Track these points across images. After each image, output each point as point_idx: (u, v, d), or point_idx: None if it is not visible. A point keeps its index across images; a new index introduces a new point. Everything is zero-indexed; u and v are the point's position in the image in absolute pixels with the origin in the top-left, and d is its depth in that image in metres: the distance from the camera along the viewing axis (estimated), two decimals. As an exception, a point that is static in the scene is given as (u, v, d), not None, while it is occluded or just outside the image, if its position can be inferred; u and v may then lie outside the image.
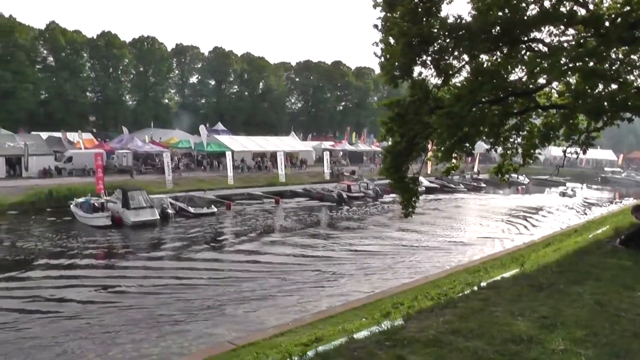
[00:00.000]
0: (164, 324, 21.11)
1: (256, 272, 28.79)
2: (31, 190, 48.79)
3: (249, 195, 56.92)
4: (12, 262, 31.17)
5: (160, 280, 27.52)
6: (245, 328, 20.25)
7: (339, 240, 38.06)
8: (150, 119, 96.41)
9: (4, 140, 59.55)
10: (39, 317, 21.77)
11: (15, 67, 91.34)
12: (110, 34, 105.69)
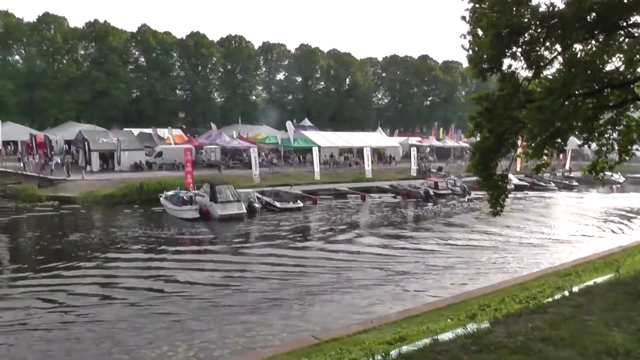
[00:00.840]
0: (247, 313, 20.93)
1: (340, 266, 28.14)
2: (123, 183, 50.53)
3: (335, 191, 56.51)
4: (105, 248, 32.28)
5: (245, 271, 27.46)
6: (328, 321, 19.78)
7: (424, 237, 36.78)
8: (237, 115, 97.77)
9: (98, 136, 61.66)
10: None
11: (109, 69, 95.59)
12: (199, 34, 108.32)
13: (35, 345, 18.18)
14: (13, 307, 21.91)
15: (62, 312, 21.31)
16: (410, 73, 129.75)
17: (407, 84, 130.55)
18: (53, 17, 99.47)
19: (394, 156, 77.43)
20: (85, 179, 51.89)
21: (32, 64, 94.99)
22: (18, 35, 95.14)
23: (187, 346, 17.88)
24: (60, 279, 26.10)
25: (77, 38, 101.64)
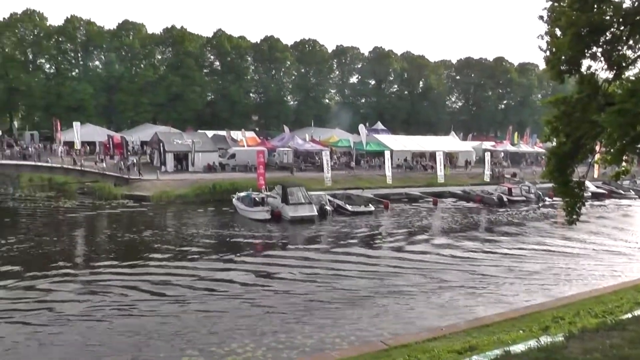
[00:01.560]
0: (317, 314, 20.91)
1: (410, 270, 27.54)
2: (196, 184, 51.59)
3: (407, 195, 55.64)
4: (178, 244, 33.69)
5: (315, 271, 27.45)
6: (397, 326, 19.52)
7: (496, 244, 35.71)
8: (310, 118, 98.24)
9: (173, 137, 62.98)
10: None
11: (184, 72, 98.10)
12: (273, 39, 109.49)
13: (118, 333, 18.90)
14: (94, 293, 23.52)
15: (143, 301, 22.57)
16: (485, 76, 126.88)
17: (482, 86, 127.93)
18: (132, 24, 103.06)
19: (470, 161, 75.79)
20: (160, 178, 53.36)
21: (111, 68, 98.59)
22: (99, 42, 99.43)
23: (255, 345, 17.93)
24: (136, 268, 27.86)
25: (155, 43, 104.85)
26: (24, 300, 22.49)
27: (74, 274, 26.90)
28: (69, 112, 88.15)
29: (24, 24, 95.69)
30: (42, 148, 73.10)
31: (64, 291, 23.86)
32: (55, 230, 38.88)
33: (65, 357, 17.63)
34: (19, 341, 18.50)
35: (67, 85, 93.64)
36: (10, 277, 25.91)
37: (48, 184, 59.88)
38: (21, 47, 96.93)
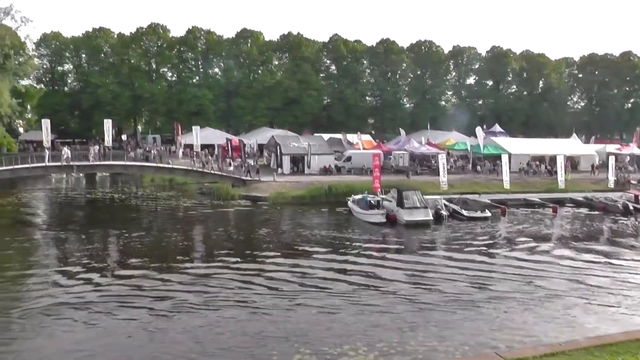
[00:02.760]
0: (430, 320, 20.61)
1: (523, 279, 26.49)
2: (312, 186, 52.44)
3: (525, 201, 53.06)
4: (293, 243, 34.81)
5: (428, 276, 27.03)
6: (510, 337, 19.05)
7: (618, 256, 32.89)
8: (426, 120, 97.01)
9: (290, 140, 64.09)
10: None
11: (301, 77, 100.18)
12: (389, 41, 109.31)
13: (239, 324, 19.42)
14: (210, 286, 25.02)
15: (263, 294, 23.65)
16: (610, 73, 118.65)
17: (606, 84, 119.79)
18: (250, 32, 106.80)
19: (596, 165, 71.35)
20: (277, 180, 54.59)
21: (230, 75, 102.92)
22: (218, 51, 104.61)
23: (367, 348, 17.90)
24: (250, 264, 29.39)
25: (272, 50, 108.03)
26: (145, 289, 24.58)
27: (191, 267, 28.79)
28: (189, 117, 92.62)
29: (149, 37, 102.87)
30: (163, 150, 76.72)
31: (181, 282, 25.63)
32: (175, 227, 41.57)
33: (183, 343, 18.62)
34: (135, 327, 20.19)
35: (188, 92, 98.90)
36: (135, 268, 28.55)
37: (169, 184, 63.61)
38: (146, 58, 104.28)
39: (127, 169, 59.32)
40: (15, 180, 61.91)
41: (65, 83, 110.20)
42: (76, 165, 53.70)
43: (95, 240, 36.14)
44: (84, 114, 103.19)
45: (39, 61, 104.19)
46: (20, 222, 45.26)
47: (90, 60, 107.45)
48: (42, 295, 23.82)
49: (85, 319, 20.81)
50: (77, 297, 23.42)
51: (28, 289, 25.20)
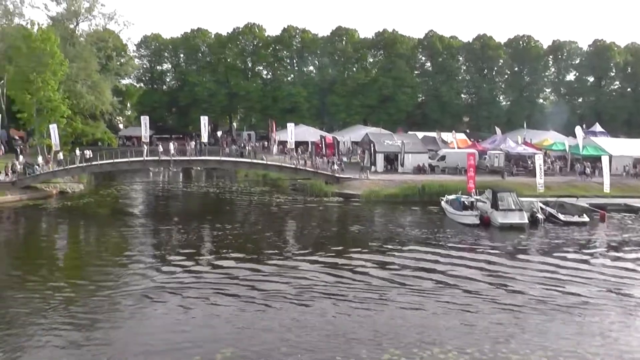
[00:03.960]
0: (524, 327, 20.27)
1: (619, 289, 25.24)
2: (405, 184, 52.19)
3: (627, 207, 49.47)
4: (385, 241, 35.35)
5: (522, 280, 26.47)
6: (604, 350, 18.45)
7: None
8: (523, 119, 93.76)
9: (383, 138, 63.94)
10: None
11: (395, 74, 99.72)
12: (486, 37, 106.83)
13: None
14: (300, 278, 26.30)
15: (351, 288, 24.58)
16: None
17: None
18: (345, 29, 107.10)
19: None
20: (370, 178, 54.77)
21: (325, 72, 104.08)
22: (313, 49, 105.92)
23: (457, 352, 17.87)
24: (340, 259, 30.38)
25: (367, 47, 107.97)
26: (238, 278, 26.26)
27: (282, 260, 30.03)
28: (283, 114, 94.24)
29: (245, 36, 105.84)
30: (258, 147, 78.31)
31: (272, 274, 27.13)
32: (268, 221, 43.48)
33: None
34: (226, 313, 21.76)
35: (283, 89, 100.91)
36: (228, 258, 30.35)
37: (262, 180, 65.24)
38: (242, 56, 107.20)
39: (222, 164, 61.41)
40: (115, 173, 66.73)
41: (163, 82, 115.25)
42: (173, 159, 56.22)
43: (190, 231, 38.63)
44: (181, 111, 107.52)
45: (139, 61, 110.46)
46: (120, 212, 48.91)
47: (188, 59, 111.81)
48: (142, 279, 26.30)
49: (181, 303, 22.69)
50: (174, 282, 25.62)
51: (129, 273, 27.59)
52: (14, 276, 27.76)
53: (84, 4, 78.32)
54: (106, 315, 21.77)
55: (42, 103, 59.82)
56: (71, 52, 72.68)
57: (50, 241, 38.81)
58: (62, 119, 61.77)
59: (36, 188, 53.72)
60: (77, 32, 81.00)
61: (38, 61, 58.76)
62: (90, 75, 74.70)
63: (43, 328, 20.20)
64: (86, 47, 77.64)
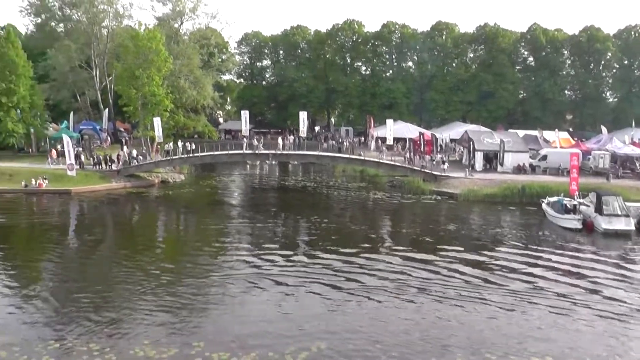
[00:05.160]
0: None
1: None
2: (504, 185, 50.79)
3: None
4: (481, 241, 35.28)
5: (625, 290, 25.34)
6: None
7: None
8: (631, 117, 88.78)
9: (483, 136, 62.64)
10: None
11: (496, 70, 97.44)
12: (593, 28, 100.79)
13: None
14: (396, 272, 27.16)
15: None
16: None
17: None
18: (445, 24, 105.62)
19: None
20: (468, 177, 54.14)
21: (424, 68, 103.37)
22: (412, 44, 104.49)
23: None
24: (432, 255, 30.71)
25: (467, 42, 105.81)
26: (332, 269, 27.47)
27: (376, 255, 30.70)
28: (381, 110, 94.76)
29: (344, 32, 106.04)
30: (355, 142, 78.57)
31: (366, 267, 27.94)
32: (364, 216, 44.64)
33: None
34: (318, 302, 23.07)
35: (381, 85, 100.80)
36: (323, 250, 31.62)
37: (359, 175, 66.14)
38: (340, 53, 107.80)
39: (320, 159, 62.49)
40: (215, 165, 70.79)
41: (263, 77, 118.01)
42: (272, 153, 58.53)
43: (287, 223, 41.16)
44: (280, 106, 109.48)
45: (240, 58, 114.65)
46: (218, 202, 51.88)
47: (287, 56, 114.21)
48: (239, 266, 28.22)
49: (277, 293, 24.04)
50: (271, 272, 27.09)
51: (227, 260, 29.65)
52: (118, 258, 30.16)
53: (188, 4, 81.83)
54: (204, 299, 23.49)
55: (146, 97, 63.15)
56: (175, 50, 76.12)
57: (152, 226, 42.32)
58: (165, 113, 65.30)
59: (139, 177, 58.26)
60: (181, 31, 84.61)
61: (144, 58, 62.18)
62: (193, 71, 78.19)
63: (142, 308, 22.11)
64: (189, 44, 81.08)
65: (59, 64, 75.34)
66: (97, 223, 42.31)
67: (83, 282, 25.70)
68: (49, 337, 19.11)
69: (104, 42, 78.32)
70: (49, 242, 34.39)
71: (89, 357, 17.58)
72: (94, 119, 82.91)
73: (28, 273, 28.09)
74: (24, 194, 50.66)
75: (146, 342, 18.64)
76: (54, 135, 68.54)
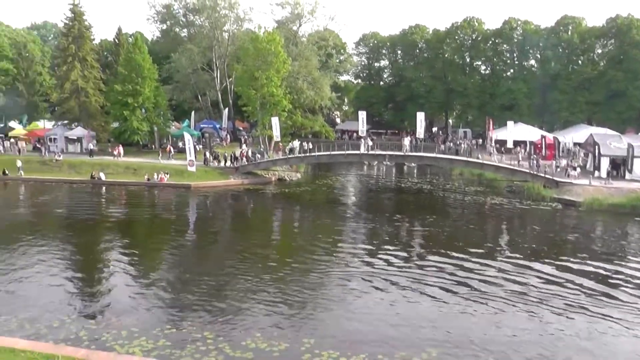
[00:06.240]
0: None
1: None
2: (634, 194, 47.08)
3: None
4: (597, 253, 32.96)
5: None
6: None
7: None
8: None
9: (610, 140, 58.86)
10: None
11: (627, 66, 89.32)
12: None
13: None
14: (507, 280, 26.34)
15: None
16: None
17: None
18: (571, 18, 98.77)
19: None
20: (592, 184, 50.74)
21: (547, 66, 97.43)
22: (535, 41, 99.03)
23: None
24: (554, 269, 28.70)
25: (595, 36, 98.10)
26: (445, 277, 26.84)
27: (489, 261, 29.75)
28: (501, 111, 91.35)
29: (464, 31, 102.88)
30: (473, 144, 76.72)
31: (475, 272, 27.54)
32: (479, 222, 43.80)
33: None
34: (431, 309, 22.54)
35: (502, 85, 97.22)
36: (438, 254, 31.16)
37: (477, 179, 64.51)
38: (460, 51, 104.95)
39: (437, 162, 61.87)
40: (331, 164, 72.54)
41: (380, 78, 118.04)
42: (388, 154, 58.84)
43: (402, 224, 41.07)
44: (397, 107, 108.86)
45: (358, 59, 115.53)
46: (333, 202, 53.20)
47: (405, 56, 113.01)
48: (352, 266, 28.67)
49: (390, 295, 24.09)
50: (384, 274, 27.15)
51: (340, 259, 30.10)
52: (234, 252, 31.90)
53: (307, 7, 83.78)
54: (316, 295, 24.08)
55: (265, 98, 65.14)
56: (294, 52, 77.73)
57: (268, 222, 44.24)
58: (283, 113, 67.29)
59: (256, 174, 60.88)
60: (299, 33, 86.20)
61: (263, 60, 64.11)
62: (311, 72, 79.52)
63: (256, 301, 23.19)
64: (308, 46, 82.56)
65: (182, 66, 79.19)
66: (215, 217, 45.82)
67: (200, 273, 27.10)
68: (166, 322, 20.52)
69: (225, 46, 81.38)
70: (168, 233, 37.28)
71: (202, 344, 18.51)
72: (214, 118, 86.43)
73: (149, 261, 30.53)
74: (146, 186, 55.69)
75: (258, 335, 19.33)
76: (176, 133, 72.94)
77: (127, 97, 66.29)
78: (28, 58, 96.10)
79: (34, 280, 25.95)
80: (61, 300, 23.08)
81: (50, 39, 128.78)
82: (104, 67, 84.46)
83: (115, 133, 70.72)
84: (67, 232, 37.45)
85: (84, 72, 72.53)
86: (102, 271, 28.69)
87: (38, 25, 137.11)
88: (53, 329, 19.71)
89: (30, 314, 21.10)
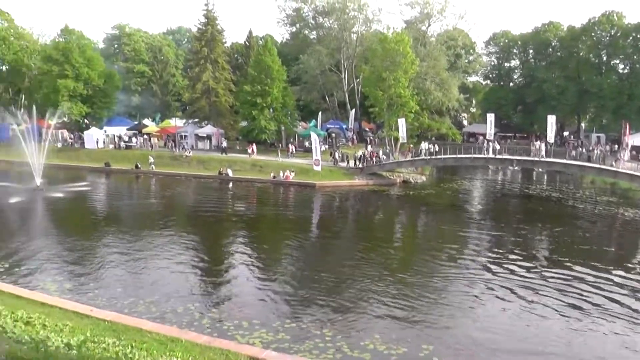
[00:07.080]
0: None
1: None
2: None
3: None
4: None
5: None
6: None
7: None
8: None
9: None
10: None
11: None
12: None
13: None
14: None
15: None
16: None
17: None
18: None
19: None
20: None
21: None
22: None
23: None
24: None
25: None
26: (573, 288, 25.76)
27: (623, 278, 28.05)
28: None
29: (601, 26, 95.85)
30: (607, 151, 72.83)
31: (612, 291, 25.65)
32: (610, 234, 41.96)
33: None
34: (560, 321, 21.62)
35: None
36: (564, 266, 29.76)
37: (610, 188, 61.34)
38: (596, 49, 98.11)
39: (568, 168, 59.22)
40: (457, 168, 71.86)
41: (510, 79, 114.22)
42: (516, 159, 57.70)
43: (528, 233, 39.31)
44: (527, 109, 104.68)
45: (487, 59, 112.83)
46: (458, 206, 52.63)
47: (537, 55, 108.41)
48: (474, 272, 28.18)
49: (517, 303, 23.60)
50: (509, 279, 27.12)
51: (462, 265, 29.72)
52: (356, 251, 32.48)
53: (436, 6, 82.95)
54: (438, 300, 23.93)
55: (392, 99, 65.55)
56: (422, 52, 77.42)
57: (391, 224, 44.51)
58: (410, 114, 67.21)
59: (381, 175, 61.70)
60: (428, 33, 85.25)
61: (391, 61, 64.51)
62: (439, 73, 78.97)
63: (376, 302, 23.43)
64: (436, 46, 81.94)
65: (310, 67, 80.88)
66: (338, 216, 47.00)
67: (321, 270, 27.89)
68: (286, 317, 21.27)
69: (353, 47, 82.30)
70: (292, 229, 38.57)
71: (321, 341, 18.99)
72: (340, 118, 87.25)
73: (272, 256, 31.77)
74: (271, 184, 57.99)
75: (377, 336, 19.54)
76: (303, 132, 74.54)
77: (256, 97, 68.82)
78: (163, 61, 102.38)
79: (161, 266, 28.04)
80: (185, 287, 24.69)
81: (184, 43, 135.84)
82: (234, 68, 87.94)
83: (244, 131, 73.70)
84: (193, 224, 40.13)
85: (215, 73, 75.96)
86: (226, 263, 30.22)
87: (173, 30, 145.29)
88: (177, 314, 21.10)
89: (156, 298, 22.81)
